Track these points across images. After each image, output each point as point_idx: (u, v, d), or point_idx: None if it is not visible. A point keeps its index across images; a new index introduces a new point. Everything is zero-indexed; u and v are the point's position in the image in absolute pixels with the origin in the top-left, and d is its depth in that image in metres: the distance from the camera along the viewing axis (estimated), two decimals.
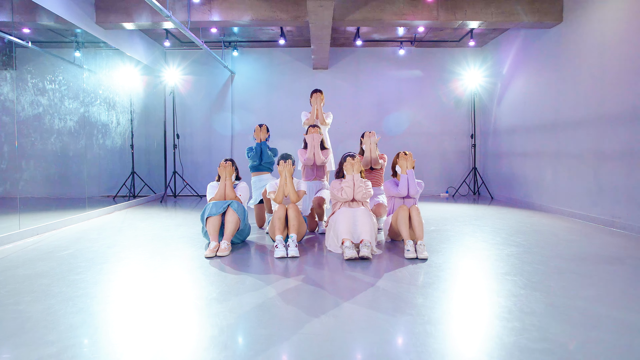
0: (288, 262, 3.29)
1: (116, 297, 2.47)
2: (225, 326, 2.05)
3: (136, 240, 4.09)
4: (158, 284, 2.72)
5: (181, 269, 3.08)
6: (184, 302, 2.38)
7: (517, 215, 5.69)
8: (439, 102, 8.38)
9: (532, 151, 6.42)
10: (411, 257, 3.34)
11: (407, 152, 3.92)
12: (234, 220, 3.64)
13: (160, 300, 2.41)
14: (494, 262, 3.22)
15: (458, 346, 1.85)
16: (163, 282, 2.76)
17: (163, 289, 2.63)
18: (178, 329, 2.03)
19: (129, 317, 2.17)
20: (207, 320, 2.12)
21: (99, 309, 2.27)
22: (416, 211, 3.63)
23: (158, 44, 7.84)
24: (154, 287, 2.67)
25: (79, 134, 5.15)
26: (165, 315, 2.19)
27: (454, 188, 8.35)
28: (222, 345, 1.84)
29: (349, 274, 2.94)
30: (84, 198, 5.30)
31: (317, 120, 4.83)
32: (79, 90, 5.16)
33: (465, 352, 1.80)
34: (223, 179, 3.89)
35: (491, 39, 7.74)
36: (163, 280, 2.82)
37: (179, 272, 3.00)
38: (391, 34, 7.54)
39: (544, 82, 6.03)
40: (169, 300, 2.41)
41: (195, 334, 1.97)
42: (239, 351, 1.81)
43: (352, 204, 3.79)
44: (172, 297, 2.48)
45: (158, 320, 2.12)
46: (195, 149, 8.33)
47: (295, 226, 3.61)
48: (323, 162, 4.46)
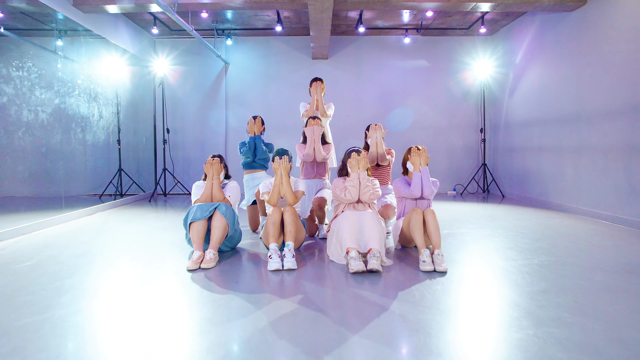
0: (284, 276, 2.80)
1: (66, 327, 1.98)
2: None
3: (112, 248, 3.60)
4: (124, 310, 2.23)
5: (157, 287, 2.59)
6: (154, 336, 1.90)
7: (535, 215, 5.21)
8: (447, 94, 7.87)
9: (549, 146, 5.93)
10: (428, 270, 2.85)
11: (420, 147, 3.43)
12: (221, 225, 3.15)
13: (123, 334, 1.93)
14: (526, 277, 2.73)
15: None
16: (131, 307, 2.27)
17: (129, 316, 2.14)
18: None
19: (77, 358, 1.68)
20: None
21: (37, 347, 1.78)
22: (432, 215, 3.15)
23: (146, 31, 7.31)
24: (117, 313, 2.18)
25: (53, 128, 4.65)
26: (125, 356, 1.71)
27: (462, 185, 7.86)
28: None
29: (356, 293, 2.46)
30: (61, 198, 4.80)
31: (317, 112, 4.34)
32: (53, 78, 4.65)
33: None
34: (210, 178, 3.39)
35: (503, 26, 7.22)
36: (131, 303, 2.33)
37: (154, 292, 2.51)
38: (396, 20, 7.02)
39: (564, 70, 5.53)
40: (134, 334, 1.93)
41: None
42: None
43: (357, 206, 3.31)
44: (139, 328, 1.99)
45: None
46: (186, 144, 7.82)
47: (292, 232, 3.12)
48: (324, 158, 3.97)
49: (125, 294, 2.46)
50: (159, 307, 2.25)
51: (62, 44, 4.93)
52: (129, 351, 1.74)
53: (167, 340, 1.84)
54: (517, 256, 3.25)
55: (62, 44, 4.93)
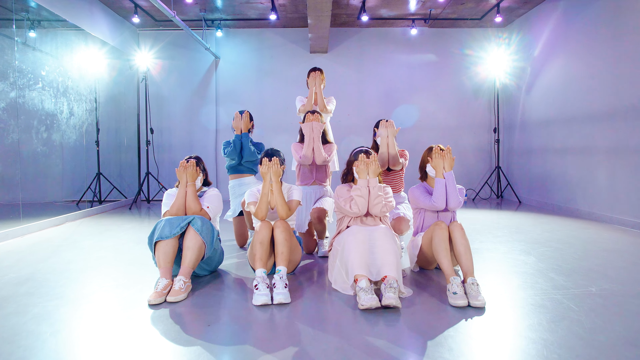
0: (273, 314, 2.14)
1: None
2: None
3: (65, 270, 2.94)
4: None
5: (103, 333, 1.92)
6: None
7: (563, 225, 4.56)
8: (457, 91, 7.23)
9: (576, 147, 5.29)
10: (460, 306, 2.19)
11: (443, 147, 2.78)
12: (196, 245, 2.49)
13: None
14: (592, 315, 2.08)
15: None
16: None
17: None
18: None
19: None
20: None
21: None
22: (460, 231, 2.50)
23: (128, 22, 6.67)
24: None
25: (7, 125, 3.99)
26: None
27: (474, 191, 7.22)
28: None
29: (370, 343, 1.80)
30: (17, 206, 4.14)
31: (315, 106, 3.69)
32: (7, 68, 3.99)
33: None
34: (183, 185, 2.74)
35: (519, 16, 6.60)
36: (66, 356, 1.66)
37: (97, 341, 1.84)
38: (402, 9, 6.39)
39: (596, 61, 4.90)
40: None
41: None
42: None
43: (366, 220, 2.66)
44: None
45: None
46: (173, 145, 7.15)
47: (284, 254, 2.46)
48: (325, 160, 3.31)
49: (56, 343, 1.79)
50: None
51: (30, 32, 4.29)
52: None
53: None
54: (566, 282, 2.59)
55: (30, 32, 4.29)
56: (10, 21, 4.13)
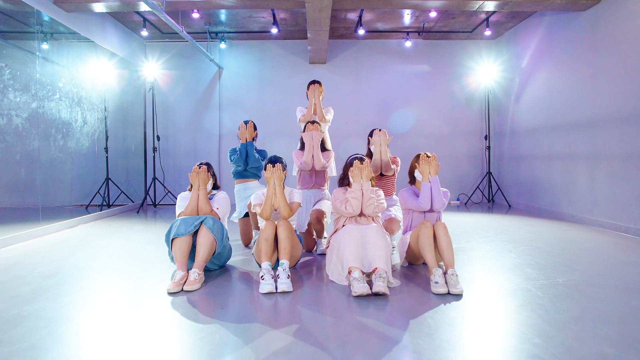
0: (277, 300, 2.45)
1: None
2: None
3: (88, 266, 3.24)
4: (86, 345, 1.87)
5: (130, 315, 2.23)
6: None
7: (547, 227, 4.88)
8: (449, 100, 7.58)
9: (560, 153, 5.62)
10: (441, 293, 2.51)
11: (429, 154, 3.10)
12: (207, 241, 2.81)
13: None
14: (554, 300, 2.39)
15: None
16: (95, 341, 1.91)
17: (91, 354, 1.79)
18: None
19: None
20: None
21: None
22: (443, 229, 2.81)
23: (136, 34, 7.01)
24: (77, 350, 1.83)
25: (29, 134, 4.30)
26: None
27: (466, 195, 7.54)
28: None
29: (360, 322, 2.11)
30: (37, 209, 4.44)
31: (315, 116, 4.02)
32: (29, 81, 4.32)
33: None
34: (195, 189, 3.05)
35: (508, 29, 6.96)
36: (97, 336, 1.97)
37: (126, 321, 2.15)
38: (397, 23, 6.75)
39: (576, 73, 5.24)
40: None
41: None
42: None
43: (360, 219, 2.97)
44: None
45: None
46: (178, 152, 7.48)
47: (287, 249, 2.77)
48: (324, 166, 3.63)
49: (90, 324, 2.10)
50: (129, 342, 1.89)
51: (43, 44, 4.61)
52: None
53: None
54: (538, 275, 2.91)
55: (43, 44, 4.61)
56: (31, 35, 4.45)
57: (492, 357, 1.73)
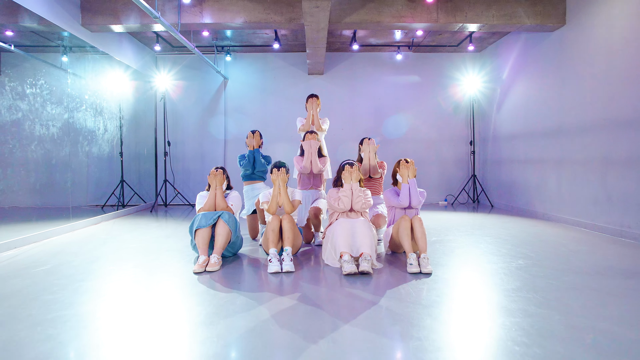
0: (283, 278, 3.05)
1: (91, 320, 2.23)
2: (212, 355, 1.81)
3: (120, 254, 3.84)
4: (140, 306, 2.48)
5: (167, 287, 2.83)
6: (169, 327, 2.14)
7: (520, 224, 5.50)
8: (438, 108, 8.21)
9: (534, 158, 6.25)
10: (414, 272, 3.11)
11: (408, 160, 3.71)
12: (224, 232, 3.41)
13: (141, 325, 2.17)
14: (503, 277, 3.00)
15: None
16: (145, 304, 2.52)
17: (145, 311, 2.39)
18: (161, 359, 1.79)
19: (104, 345, 1.92)
20: (194, 348, 1.88)
21: (69, 337, 2.02)
22: (419, 222, 3.42)
23: (148, 48, 7.62)
24: (134, 309, 2.43)
25: (62, 141, 4.90)
26: (146, 343, 1.95)
27: (453, 196, 8.16)
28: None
29: (349, 291, 2.72)
30: (68, 208, 5.03)
31: (313, 126, 4.63)
32: (62, 95, 4.92)
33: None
34: (213, 188, 3.65)
35: (490, 44, 7.60)
36: (146, 301, 2.57)
37: (164, 291, 2.76)
38: (388, 38, 7.38)
39: (547, 86, 5.88)
40: (151, 325, 2.17)
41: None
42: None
43: (350, 214, 3.57)
44: (155, 321, 2.24)
45: (138, 350, 1.88)
46: (187, 156, 8.09)
47: (290, 238, 3.38)
48: (320, 170, 4.24)
49: (137, 293, 2.70)
50: (170, 304, 2.49)
51: (68, 60, 5.19)
52: (145, 337, 1.99)
53: (182, 331, 2.09)
54: (498, 260, 3.51)
55: (68, 60, 5.19)
56: (62, 54, 5.06)
57: (444, 313, 2.33)
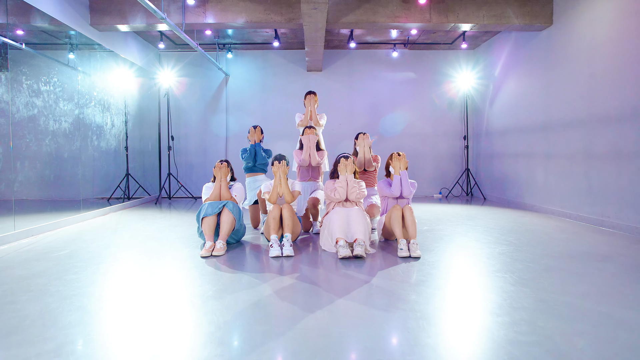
0: (283, 261, 3.32)
1: (113, 295, 2.50)
2: (221, 323, 2.08)
3: (132, 241, 4.11)
4: (154, 283, 2.75)
5: (177, 268, 3.11)
6: (180, 300, 2.41)
7: (509, 215, 5.77)
8: (433, 104, 8.47)
9: (523, 152, 6.52)
10: (404, 256, 3.39)
11: (400, 153, 3.97)
12: (229, 220, 3.68)
13: (156, 299, 2.44)
14: (486, 260, 3.28)
15: (450, 340, 1.90)
16: (159, 281, 2.79)
17: (159, 287, 2.66)
18: (174, 326, 2.06)
19: (126, 315, 2.19)
20: (203, 318, 2.15)
21: (96, 307, 2.29)
22: (409, 210, 3.68)
23: (152, 45, 7.86)
24: (150, 285, 2.70)
25: (73, 136, 5.15)
26: (161, 312, 2.22)
27: (447, 189, 8.43)
28: (219, 342, 1.88)
29: (343, 272, 2.99)
30: (79, 200, 5.30)
31: (311, 122, 4.88)
32: (73, 92, 5.17)
33: (457, 346, 1.85)
34: (218, 180, 3.92)
35: (483, 42, 7.84)
36: (159, 279, 2.84)
37: (175, 271, 3.03)
38: (384, 36, 7.62)
39: (535, 84, 6.13)
40: (165, 299, 2.44)
41: (192, 331, 2.00)
42: (236, 347, 1.84)
43: (345, 204, 3.84)
44: (168, 295, 2.51)
45: (154, 318, 2.15)
46: (189, 150, 8.34)
47: (289, 226, 3.65)
48: (318, 163, 4.50)
49: (151, 273, 2.97)
50: (181, 282, 2.77)
51: (76, 57, 5.42)
52: (160, 308, 2.26)
53: (192, 303, 2.36)
54: (483, 246, 3.79)
55: (76, 57, 5.42)
56: (72, 52, 5.30)
57: (429, 289, 2.61)
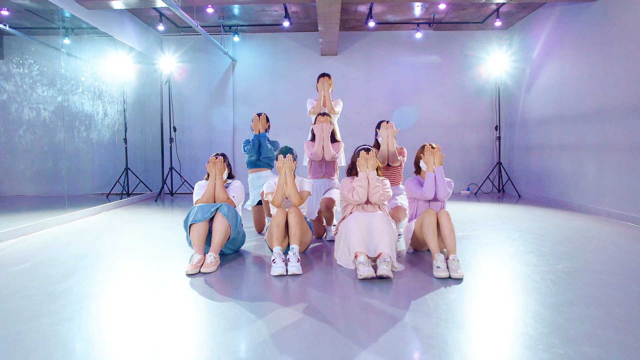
0: (288, 282, 2.63)
1: (50, 339, 1.84)
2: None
3: (113, 249, 3.47)
4: (114, 319, 2.08)
5: (152, 294, 2.44)
6: (142, 353, 1.74)
7: (554, 217, 4.96)
8: (460, 91, 7.62)
9: (569, 144, 5.66)
10: (442, 277, 2.66)
11: (434, 145, 3.23)
12: (223, 227, 3.00)
13: (109, 348, 1.78)
14: (550, 285, 2.52)
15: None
16: (122, 316, 2.12)
17: (119, 327, 1.99)
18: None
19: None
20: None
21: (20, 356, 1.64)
22: (446, 217, 2.95)
23: (152, 29, 7.21)
24: (107, 323, 2.03)
25: (55, 126, 4.55)
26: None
27: (476, 185, 7.61)
28: None
29: (365, 302, 2.28)
30: (64, 197, 4.70)
31: (324, 108, 4.16)
32: (55, 76, 4.55)
33: None
34: (212, 178, 3.24)
35: (519, 19, 6.96)
36: (123, 312, 2.18)
37: (149, 299, 2.36)
38: (407, 14, 6.80)
39: (586, 64, 5.26)
40: (120, 349, 1.78)
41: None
42: None
43: (366, 207, 3.12)
44: (126, 343, 1.84)
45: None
46: (193, 142, 7.70)
47: (297, 235, 2.95)
48: (334, 156, 3.79)
49: (117, 301, 2.31)
50: (152, 317, 2.10)
51: (69, 42, 4.83)
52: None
53: (156, 356, 1.68)
54: (538, 261, 3.03)
55: (69, 42, 4.83)
56: (56, 33, 4.68)
57: (486, 335, 1.88)
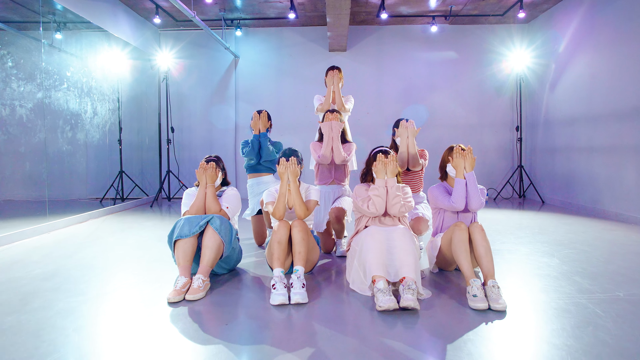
0: (291, 314, 2.15)
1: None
2: None
3: (88, 266, 3.01)
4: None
5: (121, 332, 1.96)
6: None
7: (589, 227, 4.43)
8: (478, 89, 7.10)
9: (602, 145, 5.13)
10: (481, 308, 2.15)
11: (464, 147, 2.73)
12: (214, 244, 2.52)
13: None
14: (618, 321, 2.01)
15: None
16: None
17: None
18: None
19: None
20: None
21: None
22: (480, 232, 2.45)
23: (149, 22, 6.77)
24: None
25: (34, 125, 4.10)
26: None
27: (496, 190, 7.08)
28: None
29: (387, 345, 1.79)
30: (44, 202, 4.25)
31: (334, 105, 3.68)
32: (34, 69, 4.11)
33: None
34: (202, 186, 2.76)
35: (543, 11, 6.43)
36: (83, 356, 1.70)
37: (114, 340, 1.88)
38: (422, 6, 6.31)
39: (622, 57, 4.73)
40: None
41: None
42: None
43: (384, 219, 2.63)
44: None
45: None
46: (193, 144, 7.25)
47: (302, 254, 2.46)
48: (344, 159, 3.30)
49: (75, 341, 1.83)
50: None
51: (54, 34, 4.40)
52: None
53: None
54: (591, 286, 2.52)
55: (54, 34, 4.40)
56: (37, 24, 4.24)
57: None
